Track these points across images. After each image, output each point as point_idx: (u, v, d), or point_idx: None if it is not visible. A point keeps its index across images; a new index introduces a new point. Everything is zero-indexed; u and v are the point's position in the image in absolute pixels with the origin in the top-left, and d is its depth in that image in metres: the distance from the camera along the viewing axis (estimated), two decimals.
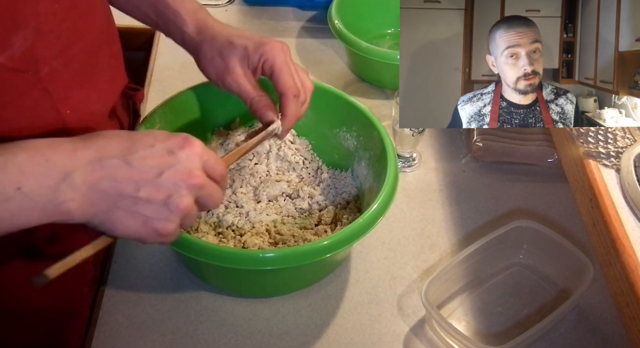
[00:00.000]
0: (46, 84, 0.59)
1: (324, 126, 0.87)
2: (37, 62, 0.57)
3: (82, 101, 0.64)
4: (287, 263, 0.66)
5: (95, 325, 0.74)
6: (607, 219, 0.70)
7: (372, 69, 1.09)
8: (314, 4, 1.26)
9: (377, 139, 0.78)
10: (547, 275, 0.81)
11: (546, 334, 0.74)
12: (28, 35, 0.56)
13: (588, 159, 0.76)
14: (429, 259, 0.83)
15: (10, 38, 0.55)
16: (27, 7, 0.56)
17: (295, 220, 0.81)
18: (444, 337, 0.72)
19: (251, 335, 0.74)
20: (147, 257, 0.81)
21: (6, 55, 0.55)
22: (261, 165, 0.86)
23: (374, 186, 0.77)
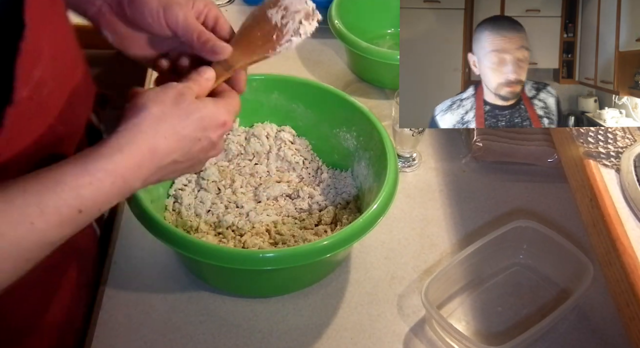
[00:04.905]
0: (46, 105, 0.61)
1: (324, 126, 0.87)
2: (40, 86, 0.59)
3: (69, 113, 0.66)
4: (287, 263, 0.67)
5: (95, 325, 0.74)
6: (607, 219, 0.70)
7: (372, 69, 1.09)
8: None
9: (377, 139, 0.78)
10: (547, 275, 0.81)
11: (546, 334, 0.74)
12: (45, 65, 0.58)
13: (588, 159, 0.76)
14: (429, 259, 0.83)
15: (33, 71, 0.57)
16: (45, 38, 0.58)
17: (295, 221, 0.80)
18: (444, 337, 0.72)
19: (251, 335, 0.74)
20: (147, 257, 0.81)
21: (29, 88, 0.56)
22: (261, 165, 0.86)
23: (374, 186, 0.77)
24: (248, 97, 0.85)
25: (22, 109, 0.57)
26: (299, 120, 0.88)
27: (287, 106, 0.87)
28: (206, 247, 0.67)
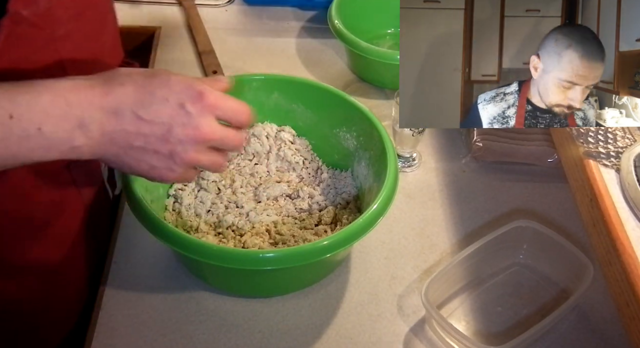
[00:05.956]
0: (59, 45, 0.60)
1: (324, 126, 0.87)
2: (54, 22, 0.59)
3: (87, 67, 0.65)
4: (287, 263, 0.67)
5: (95, 325, 0.73)
6: (607, 219, 0.70)
7: (372, 69, 1.09)
8: (314, 4, 1.26)
9: (377, 139, 0.78)
10: (547, 275, 0.81)
11: (546, 334, 0.74)
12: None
13: (588, 159, 0.76)
14: (429, 259, 0.83)
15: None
16: None
17: (295, 221, 0.81)
18: (444, 337, 0.72)
19: (251, 335, 0.74)
20: (147, 257, 0.81)
21: (30, 10, 0.56)
22: (261, 165, 0.86)
23: (374, 186, 0.77)
24: (248, 97, 0.85)
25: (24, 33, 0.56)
26: (299, 120, 0.88)
27: (287, 106, 0.87)
28: (206, 247, 0.67)
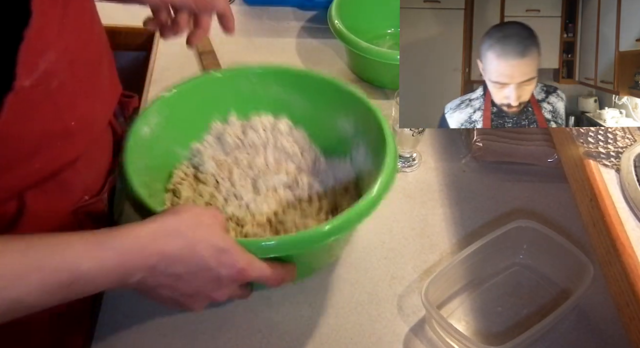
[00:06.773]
0: (55, 97, 0.60)
1: (321, 114, 0.86)
2: (48, 76, 0.58)
3: (86, 111, 0.65)
4: (290, 250, 0.66)
5: (95, 325, 0.74)
6: (607, 219, 0.70)
7: (372, 69, 1.09)
8: (314, 4, 1.26)
9: (375, 123, 0.77)
10: (547, 275, 0.81)
11: (546, 334, 0.74)
12: (52, 56, 0.58)
13: (588, 159, 0.76)
14: (429, 259, 0.83)
15: (38, 61, 0.56)
16: (54, 28, 0.58)
17: (295, 210, 0.80)
18: (444, 337, 0.72)
19: (251, 335, 0.74)
20: None
21: (32, 78, 0.56)
22: (259, 157, 0.86)
23: (373, 170, 0.76)
24: (245, 88, 0.85)
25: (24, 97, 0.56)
26: (295, 110, 0.87)
27: (283, 96, 0.87)
28: None
